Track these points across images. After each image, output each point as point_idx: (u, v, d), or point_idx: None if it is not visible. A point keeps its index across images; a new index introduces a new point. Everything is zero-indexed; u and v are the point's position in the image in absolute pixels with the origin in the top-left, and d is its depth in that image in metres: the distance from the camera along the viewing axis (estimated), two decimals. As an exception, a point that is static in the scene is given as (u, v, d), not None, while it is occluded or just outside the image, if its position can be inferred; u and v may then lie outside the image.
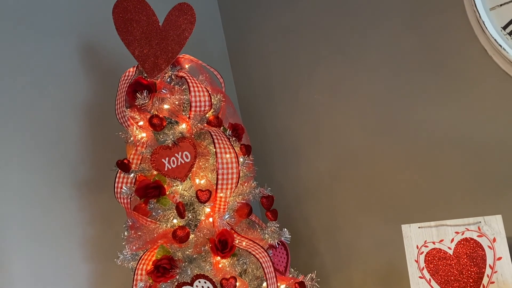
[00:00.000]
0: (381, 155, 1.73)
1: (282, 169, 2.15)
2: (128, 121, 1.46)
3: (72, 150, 1.86)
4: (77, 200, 1.86)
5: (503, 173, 1.42)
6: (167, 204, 1.40)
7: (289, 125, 2.08)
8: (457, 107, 1.50)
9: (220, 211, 1.43)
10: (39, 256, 1.73)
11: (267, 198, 1.63)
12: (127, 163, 1.42)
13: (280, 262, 1.58)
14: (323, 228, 2.00)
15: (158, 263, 1.32)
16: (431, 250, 1.39)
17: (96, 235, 1.87)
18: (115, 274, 1.85)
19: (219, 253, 1.35)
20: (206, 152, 1.45)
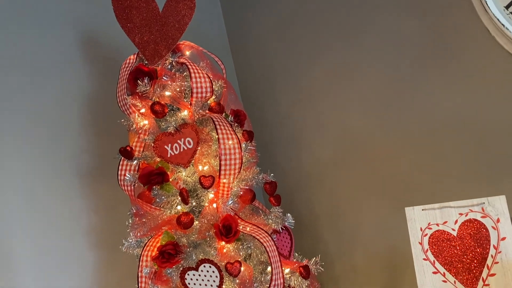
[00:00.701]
0: (383, 139, 1.73)
1: (285, 156, 2.15)
2: (130, 108, 1.45)
3: (75, 139, 1.87)
4: (81, 189, 1.87)
5: (506, 153, 1.42)
6: (170, 191, 1.40)
7: (290, 112, 2.08)
8: (460, 89, 1.49)
9: (224, 197, 1.43)
10: (44, 245, 1.75)
11: (270, 184, 1.63)
12: (130, 150, 1.42)
13: (284, 247, 1.59)
14: (327, 214, 2.00)
15: (163, 249, 1.33)
16: (435, 232, 1.39)
17: (101, 223, 1.88)
18: (120, 262, 1.87)
19: (223, 238, 1.36)
20: (209, 138, 1.45)
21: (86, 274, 1.82)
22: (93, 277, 1.84)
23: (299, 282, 1.42)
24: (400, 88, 1.65)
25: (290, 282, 1.44)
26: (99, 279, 1.85)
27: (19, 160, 1.72)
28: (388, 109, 1.70)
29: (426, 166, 1.61)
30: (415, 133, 1.62)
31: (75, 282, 1.80)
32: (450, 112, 1.52)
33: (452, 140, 1.53)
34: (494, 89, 1.42)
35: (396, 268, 1.73)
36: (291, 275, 1.44)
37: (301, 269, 1.44)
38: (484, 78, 1.43)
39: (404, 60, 1.63)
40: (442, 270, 1.36)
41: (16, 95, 1.74)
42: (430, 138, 1.58)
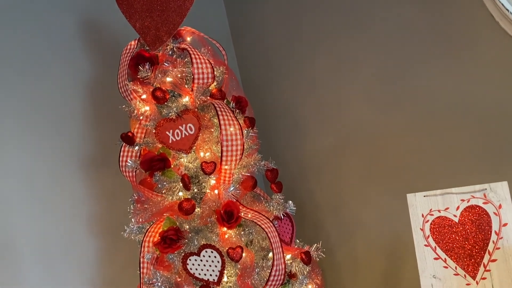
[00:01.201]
0: (385, 126, 1.72)
1: (286, 144, 2.14)
2: (131, 94, 1.45)
3: (77, 126, 1.86)
4: (83, 177, 1.87)
5: (509, 140, 1.41)
6: (172, 177, 1.40)
7: (292, 101, 2.07)
8: (463, 74, 1.48)
9: (225, 183, 1.43)
10: (46, 233, 1.75)
11: (272, 171, 1.63)
12: (131, 136, 1.41)
13: (286, 233, 1.59)
14: (328, 202, 2.00)
15: (165, 234, 1.33)
16: (436, 218, 1.39)
17: (103, 211, 1.89)
18: (122, 249, 1.87)
19: (225, 223, 1.36)
20: (210, 124, 1.44)
21: (87, 262, 1.83)
22: (95, 265, 1.85)
23: (300, 268, 1.43)
24: (402, 75, 1.64)
25: (291, 268, 1.44)
26: (101, 267, 1.86)
27: (19, 147, 1.72)
28: (390, 96, 1.69)
29: (428, 153, 1.61)
30: (417, 120, 1.62)
31: (77, 270, 1.81)
32: (453, 99, 1.51)
33: (454, 126, 1.52)
34: (497, 74, 1.41)
35: (397, 255, 1.74)
36: (293, 261, 1.45)
37: (302, 255, 1.44)
38: (488, 63, 1.42)
39: (406, 47, 1.62)
40: (443, 256, 1.36)
41: (17, 83, 1.73)
42: (432, 125, 1.58)
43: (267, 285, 1.33)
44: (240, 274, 1.35)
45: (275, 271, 1.33)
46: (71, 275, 1.79)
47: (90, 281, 1.83)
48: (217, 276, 1.31)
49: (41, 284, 1.72)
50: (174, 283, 1.39)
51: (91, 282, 1.83)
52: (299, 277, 1.45)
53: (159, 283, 1.35)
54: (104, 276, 1.85)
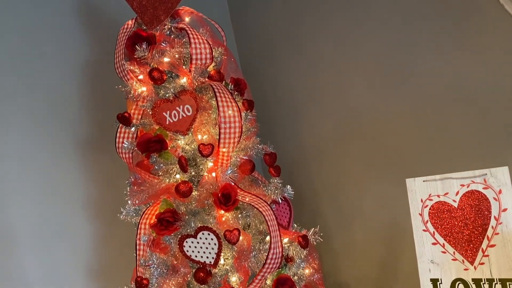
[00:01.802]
0: (385, 111, 1.70)
1: (285, 129, 2.13)
2: (127, 75, 1.42)
3: (73, 109, 1.84)
4: (79, 160, 1.85)
5: (510, 125, 1.39)
6: (169, 159, 1.38)
7: (291, 84, 2.05)
8: (465, 58, 1.45)
9: (223, 166, 1.41)
10: (42, 216, 1.74)
11: (270, 155, 1.61)
12: (127, 117, 1.39)
13: (283, 217, 1.58)
14: (326, 188, 1.99)
15: (162, 216, 1.32)
16: (435, 203, 1.38)
17: (99, 194, 1.88)
18: (118, 233, 1.87)
19: (222, 206, 1.35)
20: (208, 106, 1.42)
21: (84, 245, 1.83)
22: (91, 248, 1.84)
23: (297, 251, 1.42)
24: (404, 58, 1.62)
25: (289, 251, 1.43)
26: (97, 250, 1.85)
27: (15, 130, 1.70)
28: (391, 80, 1.67)
29: (429, 139, 1.59)
30: (418, 105, 1.60)
31: (73, 253, 1.80)
32: (455, 84, 1.49)
33: (455, 111, 1.50)
34: (500, 58, 1.39)
35: (395, 241, 1.73)
36: (290, 244, 1.44)
37: (299, 238, 1.43)
38: (490, 47, 1.40)
39: (408, 28, 1.59)
40: (441, 241, 1.36)
41: (13, 63, 1.71)
42: (433, 110, 1.56)
43: (264, 268, 1.32)
44: (237, 256, 1.34)
45: (272, 254, 1.32)
46: (68, 258, 1.78)
47: (87, 264, 1.82)
48: (213, 259, 1.30)
49: (38, 266, 1.72)
50: (170, 265, 1.38)
51: (87, 265, 1.82)
52: (296, 260, 1.44)
53: (155, 265, 1.34)
54: (101, 259, 1.85)
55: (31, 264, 1.71)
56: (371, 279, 1.86)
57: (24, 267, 1.69)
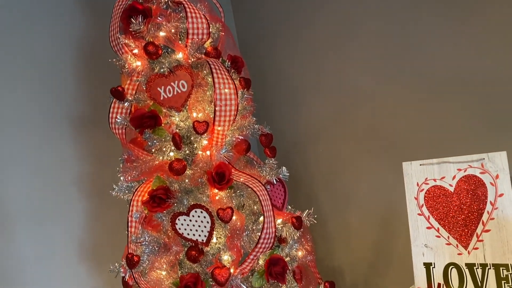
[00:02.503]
0: (384, 96, 1.68)
1: (282, 112, 2.10)
2: (122, 48, 1.39)
3: (67, 85, 1.81)
4: (73, 137, 1.83)
5: (508, 110, 1.37)
6: (163, 135, 1.36)
7: (290, 67, 2.02)
8: (465, 43, 1.43)
9: (218, 145, 1.39)
10: (34, 193, 1.73)
11: (266, 136, 1.59)
12: (121, 91, 1.36)
13: (278, 198, 1.56)
14: (322, 172, 1.98)
15: (154, 193, 1.30)
16: (431, 187, 1.37)
17: (92, 171, 1.86)
18: (110, 211, 1.86)
19: (216, 185, 1.33)
20: (204, 83, 1.39)
21: (76, 222, 1.82)
22: (84, 225, 1.83)
23: (290, 232, 1.40)
24: (404, 44, 1.59)
25: (282, 232, 1.42)
26: (89, 227, 1.84)
27: (8, 106, 1.67)
28: (389, 65, 1.64)
29: (427, 124, 1.57)
30: (416, 90, 1.57)
31: (66, 231, 1.79)
32: (454, 68, 1.47)
33: (454, 96, 1.48)
34: (498, 43, 1.36)
35: (390, 226, 1.72)
36: (283, 225, 1.42)
37: (293, 219, 1.42)
38: (490, 32, 1.37)
39: (408, 13, 1.56)
40: (436, 225, 1.35)
41: (5, 38, 1.67)
42: (431, 95, 1.53)
43: (257, 247, 1.31)
44: (229, 235, 1.32)
45: (265, 234, 1.31)
46: (60, 236, 1.77)
47: (79, 242, 1.81)
48: (206, 237, 1.29)
49: (30, 244, 1.70)
50: (162, 243, 1.37)
51: (79, 242, 1.81)
52: (289, 242, 1.43)
53: (146, 242, 1.32)
54: (93, 236, 1.84)
55: (23, 242, 1.69)
56: (364, 263, 1.86)
57: (16, 245, 1.68)
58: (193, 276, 1.28)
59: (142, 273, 1.38)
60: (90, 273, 1.81)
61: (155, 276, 1.37)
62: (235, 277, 1.31)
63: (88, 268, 1.82)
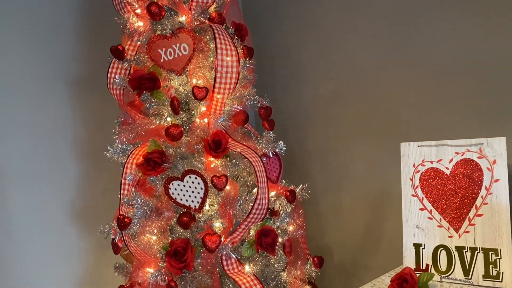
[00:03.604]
0: (386, 76, 1.66)
1: (284, 87, 2.08)
2: (125, 7, 1.36)
3: (65, 45, 1.78)
4: (69, 99, 1.81)
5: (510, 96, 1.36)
6: (161, 98, 1.34)
7: (295, 42, 1.99)
8: (469, 27, 1.40)
9: (216, 113, 1.37)
10: (30, 152, 1.72)
11: (265, 109, 1.58)
12: (121, 50, 1.34)
13: (273, 172, 1.56)
14: (318, 151, 1.97)
15: (149, 156, 1.28)
16: (428, 169, 1.37)
17: (88, 134, 1.84)
18: (104, 174, 1.85)
19: (212, 153, 1.32)
20: (206, 48, 1.37)
21: (69, 184, 1.81)
22: (76, 188, 1.82)
23: (283, 205, 1.40)
24: (409, 26, 1.56)
25: (275, 205, 1.41)
26: (82, 190, 1.84)
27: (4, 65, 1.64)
28: (394, 46, 1.62)
29: (427, 107, 1.56)
30: (420, 72, 1.55)
31: (58, 191, 1.78)
32: (456, 52, 1.44)
33: (456, 80, 1.46)
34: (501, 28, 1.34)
35: (382, 207, 1.73)
36: (276, 198, 1.42)
37: (287, 193, 1.41)
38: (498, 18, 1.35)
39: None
40: (429, 207, 1.35)
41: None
42: (434, 78, 1.52)
43: (249, 218, 1.31)
44: (222, 203, 1.32)
45: (258, 205, 1.31)
46: (52, 196, 1.77)
47: (71, 203, 1.81)
48: (198, 203, 1.28)
49: (22, 202, 1.70)
50: (154, 208, 1.36)
51: (71, 204, 1.81)
52: (281, 215, 1.43)
53: (138, 205, 1.31)
54: (85, 199, 1.84)
55: (17, 199, 1.69)
56: (354, 243, 1.87)
57: (9, 202, 1.68)
58: (184, 242, 1.28)
59: (132, 236, 1.37)
60: (79, 234, 1.82)
61: (145, 240, 1.37)
62: (225, 246, 1.31)
63: (78, 230, 1.82)
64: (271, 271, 1.44)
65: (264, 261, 1.42)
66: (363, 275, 1.84)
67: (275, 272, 1.46)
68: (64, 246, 1.78)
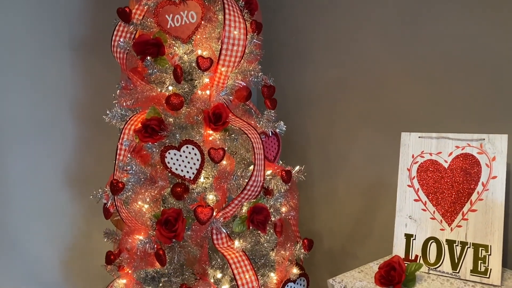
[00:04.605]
0: (392, 66, 1.64)
1: (287, 69, 2.06)
2: (134, -31, 1.33)
3: (70, 6, 1.74)
4: (72, 58, 1.79)
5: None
6: (164, 65, 1.32)
7: (304, 25, 1.96)
8: (477, 22, 1.38)
9: (219, 86, 1.35)
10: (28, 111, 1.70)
11: (269, 87, 1.56)
12: (128, 12, 1.31)
13: (271, 151, 1.55)
14: (318, 137, 1.96)
15: (147, 123, 1.27)
16: (426, 161, 1.36)
17: (87, 99, 1.82)
18: (100, 140, 1.84)
19: (211, 125, 1.30)
20: (215, 19, 1.34)
21: (65, 147, 1.80)
22: (72, 151, 1.82)
23: (278, 185, 1.39)
24: (418, 16, 1.53)
25: (270, 184, 1.41)
26: (78, 153, 1.83)
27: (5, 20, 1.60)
28: (401, 35, 1.59)
29: (430, 99, 1.54)
30: (425, 64, 1.53)
31: (54, 153, 1.78)
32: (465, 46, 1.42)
33: (462, 74, 1.44)
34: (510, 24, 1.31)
35: (376, 197, 1.72)
36: (272, 177, 1.41)
37: (283, 172, 1.40)
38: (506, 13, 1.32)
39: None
40: (424, 199, 1.34)
41: None
42: (439, 71, 1.49)
43: (243, 193, 1.30)
44: (217, 176, 1.31)
45: (253, 182, 1.30)
46: (47, 157, 1.76)
47: (65, 166, 1.80)
48: (194, 174, 1.27)
49: (18, 160, 1.69)
50: (148, 176, 1.35)
51: (65, 167, 1.80)
52: (275, 194, 1.42)
53: (133, 171, 1.30)
54: (80, 163, 1.83)
55: (12, 157, 1.68)
56: (344, 231, 1.87)
57: (4, 159, 1.66)
58: (175, 211, 1.27)
59: (124, 203, 1.37)
60: (72, 198, 1.81)
61: (137, 208, 1.37)
62: (217, 220, 1.30)
63: (71, 193, 1.81)
64: (260, 249, 1.44)
65: (255, 239, 1.42)
66: (351, 263, 1.84)
67: (264, 251, 1.46)
68: (56, 208, 1.78)
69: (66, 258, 1.82)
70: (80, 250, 1.84)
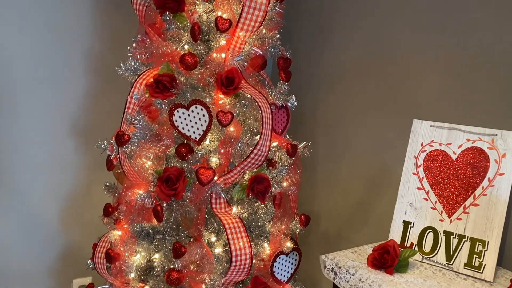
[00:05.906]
0: (416, 54, 1.60)
1: (306, 49, 2.03)
2: None
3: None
4: (90, 8, 1.77)
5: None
6: (183, 22, 1.30)
7: (327, 3, 1.92)
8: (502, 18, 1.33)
9: (235, 50, 1.34)
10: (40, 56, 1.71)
11: (285, 59, 1.54)
12: (151, -37, 1.28)
13: (279, 124, 1.54)
14: (327, 120, 1.94)
15: (159, 78, 1.26)
16: (434, 150, 1.34)
17: (101, 49, 1.82)
18: (111, 94, 1.84)
19: (223, 88, 1.29)
20: (238, -20, 1.31)
21: (75, 98, 1.81)
22: (82, 102, 1.82)
23: (282, 158, 1.39)
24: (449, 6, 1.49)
25: (274, 156, 1.40)
26: (88, 106, 1.83)
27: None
28: (428, 25, 1.54)
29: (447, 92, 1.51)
30: (446, 56, 1.49)
31: (62, 101, 1.78)
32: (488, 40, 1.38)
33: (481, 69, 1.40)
34: None
35: (378, 184, 1.71)
36: (277, 149, 1.40)
37: (288, 146, 1.40)
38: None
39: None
40: (427, 188, 1.33)
41: None
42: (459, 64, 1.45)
43: (246, 161, 1.29)
44: (223, 140, 1.30)
45: (257, 150, 1.29)
46: (57, 106, 1.76)
47: (72, 115, 1.80)
48: (200, 135, 1.27)
49: (27, 105, 1.70)
50: (155, 132, 1.35)
51: (73, 117, 1.81)
52: (279, 167, 1.42)
53: (140, 125, 1.30)
54: (88, 114, 1.83)
55: (21, 101, 1.69)
56: (342, 215, 1.87)
57: (14, 102, 1.67)
58: (177, 170, 1.27)
59: (128, 157, 1.37)
60: (77, 148, 1.82)
61: (140, 163, 1.37)
62: (217, 185, 1.30)
63: (76, 143, 1.82)
64: (257, 219, 1.45)
65: (253, 208, 1.42)
66: (345, 247, 1.85)
67: (261, 222, 1.46)
68: (60, 156, 1.79)
69: (65, 207, 1.84)
70: (79, 199, 1.86)
